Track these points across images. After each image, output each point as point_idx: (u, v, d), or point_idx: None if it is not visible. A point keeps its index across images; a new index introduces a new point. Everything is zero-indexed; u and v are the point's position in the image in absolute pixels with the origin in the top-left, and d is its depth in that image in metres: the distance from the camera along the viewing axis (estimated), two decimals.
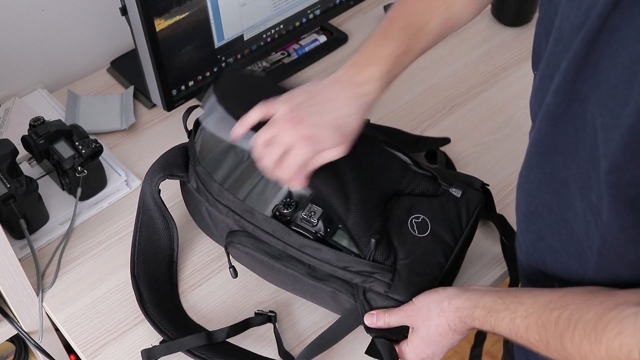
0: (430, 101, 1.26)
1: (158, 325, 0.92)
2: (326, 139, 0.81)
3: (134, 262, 0.98)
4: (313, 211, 0.89)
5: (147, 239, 0.99)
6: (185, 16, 1.08)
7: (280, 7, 1.22)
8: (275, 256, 0.89)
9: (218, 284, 1.00)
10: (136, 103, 1.24)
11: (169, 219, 0.98)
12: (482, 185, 0.95)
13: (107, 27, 1.30)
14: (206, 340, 0.88)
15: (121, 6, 1.05)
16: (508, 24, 1.41)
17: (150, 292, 0.96)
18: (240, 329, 0.91)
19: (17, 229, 0.99)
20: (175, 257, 1.00)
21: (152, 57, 1.08)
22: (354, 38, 1.38)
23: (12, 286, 0.91)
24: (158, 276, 0.98)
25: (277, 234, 0.88)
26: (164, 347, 0.89)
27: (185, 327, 0.93)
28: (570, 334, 0.61)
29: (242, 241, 0.90)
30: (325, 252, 0.86)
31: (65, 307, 0.97)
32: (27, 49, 1.23)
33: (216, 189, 0.91)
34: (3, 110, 1.20)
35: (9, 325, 0.97)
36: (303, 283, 0.89)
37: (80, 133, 1.06)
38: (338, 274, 0.86)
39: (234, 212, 0.90)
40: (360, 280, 0.85)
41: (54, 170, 1.06)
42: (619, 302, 0.59)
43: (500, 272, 1.01)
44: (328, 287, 0.87)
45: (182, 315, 0.96)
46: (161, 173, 0.94)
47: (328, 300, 0.90)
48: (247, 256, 0.92)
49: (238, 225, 0.90)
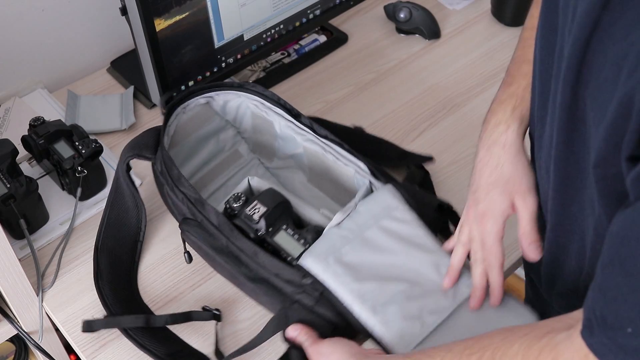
0: (430, 101, 1.26)
1: (105, 300, 0.94)
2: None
3: (100, 236, 1.00)
4: (257, 209, 0.88)
5: (115, 216, 1.00)
6: (185, 16, 1.08)
7: (280, 7, 1.22)
8: (218, 250, 0.89)
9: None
10: (136, 103, 1.24)
11: (137, 198, 0.99)
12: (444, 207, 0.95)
13: (107, 27, 1.30)
14: (144, 323, 0.90)
15: (121, 6, 1.05)
16: (508, 24, 1.41)
17: (109, 268, 0.98)
18: (180, 320, 0.92)
19: (17, 229, 0.99)
20: (142, 236, 1.01)
21: (152, 57, 1.08)
22: (354, 38, 1.38)
23: (12, 286, 0.91)
24: (120, 253, 1.00)
25: (222, 229, 0.88)
26: (104, 321, 0.91)
27: (131, 307, 0.95)
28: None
29: (191, 230, 0.91)
30: (261, 256, 0.86)
31: (65, 307, 0.97)
32: (27, 49, 1.23)
33: (175, 175, 0.92)
34: (3, 110, 1.20)
35: (9, 325, 0.97)
36: (240, 281, 0.90)
37: (80, 133, 1.06)
38: (271, 280, 0.86)
39: (188, 200, 0.91)
40: (290, 290, 0.84)
41: (54, 170, 1.06)
42: (545, 330, 0.59)
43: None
44: (260, 290, 0.87)
45: (134, 294, 0.97)
46: (130, 152, 0.96)
47: (264, 301, 0.90)
48: (194, 245, 0.92)
49: (191, 213, 0.91)
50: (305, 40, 1.37)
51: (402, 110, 1.25)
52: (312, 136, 0.99)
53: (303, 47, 1.36)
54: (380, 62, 1.34)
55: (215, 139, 1.06)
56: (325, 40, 1.37)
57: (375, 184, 0.94)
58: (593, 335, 0.53)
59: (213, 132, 1.06)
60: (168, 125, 0.98)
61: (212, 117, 1.06)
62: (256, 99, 1.03)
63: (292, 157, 1.05)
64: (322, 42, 1.37)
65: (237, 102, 1.05)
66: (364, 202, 0.91)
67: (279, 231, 0.88)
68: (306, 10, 1.27)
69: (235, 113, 1.07)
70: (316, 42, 1.37)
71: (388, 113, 1.24)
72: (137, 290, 0.98)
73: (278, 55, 1.34)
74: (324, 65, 1.33)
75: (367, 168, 0.94)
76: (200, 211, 0.90)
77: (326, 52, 1.35)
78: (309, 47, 1.36)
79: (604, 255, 0.53)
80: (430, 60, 1.34)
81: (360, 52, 1.35)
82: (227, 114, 1.07)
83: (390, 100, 1.26)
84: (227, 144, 1.07)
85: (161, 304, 0.97)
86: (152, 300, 0.97)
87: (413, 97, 1.27)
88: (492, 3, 1.43)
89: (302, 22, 1.29)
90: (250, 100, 1.04)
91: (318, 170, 1.01)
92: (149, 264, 1.01)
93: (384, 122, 1.22)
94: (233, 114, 1.07)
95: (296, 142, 1.01)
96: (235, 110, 1.06)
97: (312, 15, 1.29)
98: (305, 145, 1.00)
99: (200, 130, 1.03)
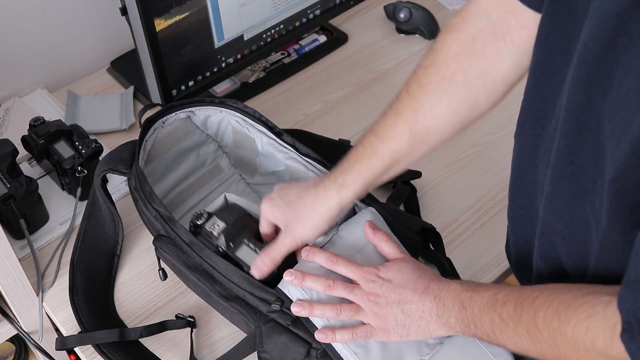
0: None
1: (79, 315, 0.93)
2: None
3: (76, 250, 0.99)
4: (216, 224, 0.87)
5: (92, 229, 0.99)
6: (185, 16, 1.08)
7: (280, 7, 1.22)
8: (192, 268, 0.88)
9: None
10: (136, 103, 1.24)
11: (113, 212, 0.98)
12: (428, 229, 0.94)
13: (107, 27, 1.30)
14: (118, 337, 0.89)
15: (121, 6, 1.05)
16: None
17: (84, 282, 0.97)
18: (155, 330, 0.91)
19: (17, 229, 0.99)
20: (119, 250, 1.00)
21: (152, 57, 1.08)
22: (354, 38, 1.38)
23: (12, 286, 0.91)
24: (96, 267, 0.99)
25: (194, 247, 0.87)
26: (77, 337, 0.90)
27: (106, 322, 0.94)
28: (544, 311, 0.62)
29: (164, 247, 0.90)
30: (236, 275, 0.84)
31: (65, 307, 0.96)
32: (27, 49, 1.23)
33: (148, 191, 0.90)
34: (3, 110, 1.20)
35: (9, 325, 0.97)
36: (214, 300, 0.89)
37: (80, 133, 1.06)
38: (246, 298, 0.85)
39: (161, 217, 0.89)
40: (265, 309, 0.83)
41: (54, 170, 1.06)
42: (595, 290, 0.61)
43: (499, 272, 1.01)
44: (234, 309, 0.86)
45: (109, 309, 0.96)
46: (105, 167, 0.95)
47: (236, 321, 0.89)
48: (168, 262, 0.91)
49: (164, 230, 0.90)
50: (305, 40, 1.37)
51: None
52: (294, 154, 0.98)
53: (303, 47, 1.36)
54: (380, 62, 1.34)
55: (195, 153, 1.04)
56: (325, 40, 1.37)
57: (358, 204, 0.93)
58: (634, 340, 0.53)
59: (193, 146, 1.05)
60: (145, 139, 0.96)
61: (192, 131, 1.04)
62: (238, 115, 1.02)
63: (273, 173, 1.04)
64: (322, 42, 1.37)
65: (218, 118, 1.03)
66: (346, 225, 0.89)
67: (241, 245, 0.86)
68: (306, 10, 1.27)
69: (216, 128, 1.05)
70: (316, 42, 1.37)
71: None
72: (113, 305, 0.97)
73: (278, 55, 1.34)
74: (324, 65, 1.33)
75: None
76: (172, 228, 0.88)
77: (326, 52, 1.35)
78: (309, 47, 1.36)
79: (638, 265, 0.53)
80: None
81: (360, 52, 1.35)
82: (208, 129, 1.06)
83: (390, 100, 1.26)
84: (208, 158, 1.06)
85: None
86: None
87: None
88: None
89: (302, 22, 1.29)
90: (232, 117, 1.02)
91: None
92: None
93: None
94: (214, 129, 1.05)
95: (278, 160, 1.00)
96: (217, 125, 1.05)
97: (312, 15, 1.29)
98: (287, 163, 0.98)
99: (180, 144, 1.02)
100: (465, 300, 0.73)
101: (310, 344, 0.81)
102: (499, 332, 0.68)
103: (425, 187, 1.11)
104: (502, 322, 0.67)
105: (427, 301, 0.76)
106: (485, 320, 0.70)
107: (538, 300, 0.64)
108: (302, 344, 0.81)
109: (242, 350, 0.85)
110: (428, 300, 0.76)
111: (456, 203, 1.10)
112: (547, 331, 0.62)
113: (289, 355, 0.82)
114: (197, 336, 0.93)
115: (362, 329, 0.79)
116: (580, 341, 0.59)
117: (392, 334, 0.78)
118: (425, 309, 0.76)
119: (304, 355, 0.81)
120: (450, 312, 0.74)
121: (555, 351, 0.62)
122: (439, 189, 1.12)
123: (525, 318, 0.65)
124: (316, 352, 0.81)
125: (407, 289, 0.78)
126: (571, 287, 0.63)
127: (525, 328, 0.65)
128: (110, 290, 0.99)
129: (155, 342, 0.93)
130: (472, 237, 1.06)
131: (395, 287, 0.78)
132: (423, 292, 0.77)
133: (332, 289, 0.80)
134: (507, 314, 0.67)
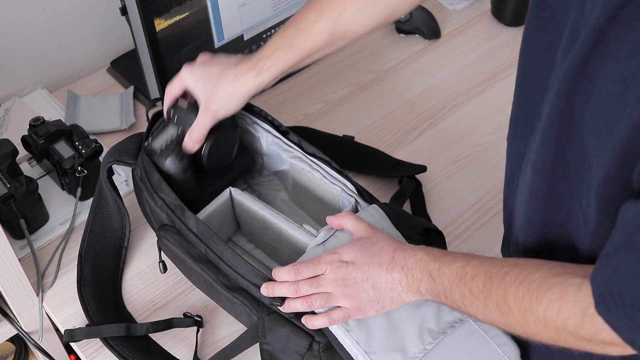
0: (430, 101, 1.26)
1: (87, 308, 0.94)
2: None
3: (84, 243, 0.99)
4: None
5: (100, 222, 1.00)
6: (185, 16, 1.08)
7: (280, 7, 1.22)
8: (196, 258, 0.88)
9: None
10: (136, 103, 1.24)
11: (120, 204, 0.98)
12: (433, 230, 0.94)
13: (107, 27, 1.30)
14: (125, 332, 0.90)
15: (121, 6, 1.05)
16: (508, 24, 1.41)
17: (92, 274, 0.97)
18: (162, 327, 0.92)
19: (17, 229, 0.99)
20: (127, 242, 1.01)
21: (152, 57, 1.08)
22: None
23: (12, 286, 0.91)
24: (104, 260, 0.99)
25: (202, 237, 0.87)
26: (85, 330, 0.91)
27: (114, 316, 0.94)
28: (515, 289, 0.64)
29: (168, 236, 0.90)
30: (242, 265, 0.84)
31: (65, 307, 0.97)
32: (27, 49, 1.23)
33: (156, 180, 0.90)
34: (3, 110, 1.20)
35: (9, 325, 0.97)
36: (217, 291, 0.88)
37: (80, 133, 1.06)
38: (250, 290, 0.85)
39: (167, 207, 0.90)
40: (268, 301, 0.83)
41: (54, 170, 1.06)
42: (566, 270, 0.62)
43: None
44: (238, 300, 0.86)
45: (117, 302, 0.97)
46: (110, 158, 0.95)
47: (239, 312, 0.88)
48: (171, 253, 0.91)
49: (169, 220, 0.90)
50: None
51: (402, 110, 1.25)
52: (299, 153, 0.98)
53: None
54: (380, 62, 1.34)
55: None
56: None
57: (361, 204, 0.93)
58: (610, 312, 0.54)
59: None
60: (152, 131, 0.96)
61: None
62: (244, 113, 1.01)
63: (275, 173, 1.04)
64: None
65: None
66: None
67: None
68: None
69: None
70: None
71: (388, 113, 1.24)
72: (120, 298, 0.97)
73: None
74: (324, 65, 1.33)
75: (355, 188, 0.93)
76: (179, 217, 0.89)
77: None
78: None
79: (616, 237, 0.54)
80: (430, 60, 1.34)
81: (360, 52, 1.35)
82: None
83: (390, 100, 1.26)
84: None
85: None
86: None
87: (413, 97, 1.27)
88: (492, 3, 1.43)
89: None
90: (238, 115, 1.02)
91: (302, 188, 1.00)
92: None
93: (384, 122, 1.22)
94: None
95: (282, 159, 1.00)
96: None
97: None
98: (292, 162, 0.98)
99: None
100: (433, 271, 0.74)
101: (312, 337, 0.81)
102: (469, 304, 0.70)
103: (425, 187, 1.11)
104: (473, 295, 0.69)
105: (395, 272, 0.77)
106: (455, 293, 0.71)
107: (508, 276, 0.65)
108: (305, 337, 0.81)
109: (245, 341, 0.86)
110: (396, 272, 0.77)
111: (456, 203, 1.10)
112: (517, 309, 0.64)
113: (291, 348, 0.82)
114: (201, 334, 0.94)
115: (338, 312, 0.80)
116: (551, 320, 0.60)
117: (368, 311, 0.79)
118: (395, 280, 0.77)
119: (306, 348, 0.81)
120: (419, 282, 0.75)
121: (525, 328, 0.64)
122: (439, 189, 1.12)
123: (495, 294, 0.66)
124: (318, 345, 0.82)
125: (372, 264, 0.79)
126: (542, 265, 0.64)
127: (495, 303, 0.66)
128: (118, 282, 0.99)
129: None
130: (473, 237, 1.06)
131: (360, 267, 0.79)
132: (389, 264, 0.78)
133: (299, 292, 0.80)
134: (477, 288, 0.68)
